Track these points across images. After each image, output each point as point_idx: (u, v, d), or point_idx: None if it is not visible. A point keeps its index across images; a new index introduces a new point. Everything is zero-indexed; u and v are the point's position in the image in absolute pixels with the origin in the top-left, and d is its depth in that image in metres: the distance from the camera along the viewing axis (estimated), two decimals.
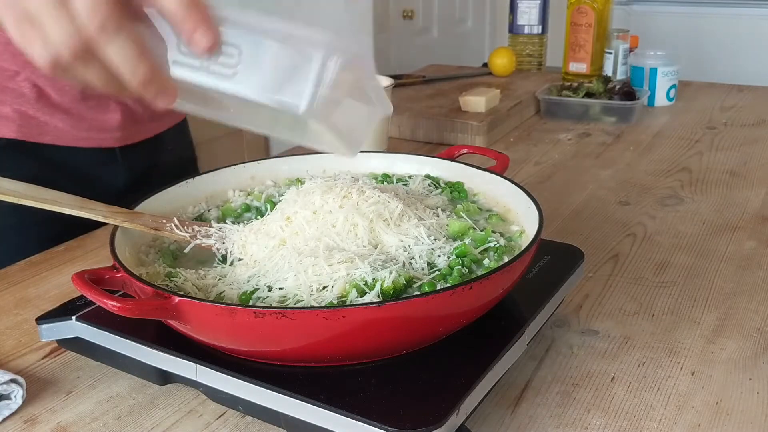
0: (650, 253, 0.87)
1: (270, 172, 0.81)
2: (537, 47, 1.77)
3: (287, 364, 0.55)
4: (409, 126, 1.35)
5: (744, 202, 1.02)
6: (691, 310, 0.75)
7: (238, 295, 0.58)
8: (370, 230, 0.62)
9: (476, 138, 1.30)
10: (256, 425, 0.58)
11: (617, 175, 1.14)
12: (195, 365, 0.57)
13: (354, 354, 0.55)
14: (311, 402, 0.52)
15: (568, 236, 0.91)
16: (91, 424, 0.59)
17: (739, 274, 0.82)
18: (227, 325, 0.52)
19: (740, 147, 1.27)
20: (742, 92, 1.64)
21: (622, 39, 1.61)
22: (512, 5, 1.76)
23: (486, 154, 0.83)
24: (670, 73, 1.53)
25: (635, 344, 0.69)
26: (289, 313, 0.51)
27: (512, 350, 0.58)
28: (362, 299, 0.55)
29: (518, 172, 1.16)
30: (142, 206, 0.70)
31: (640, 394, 0.62)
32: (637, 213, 0.99)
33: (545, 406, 0.60)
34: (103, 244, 0.91)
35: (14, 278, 0.83)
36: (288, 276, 0.58)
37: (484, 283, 0.55)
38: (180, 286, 0.60)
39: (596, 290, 0.79)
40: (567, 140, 1.33)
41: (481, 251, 0.63)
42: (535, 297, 0.64)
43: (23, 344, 0.70)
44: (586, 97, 1.46)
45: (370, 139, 1.11)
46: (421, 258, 0.61)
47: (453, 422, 0.50)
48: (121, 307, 0.52)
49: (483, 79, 1.64)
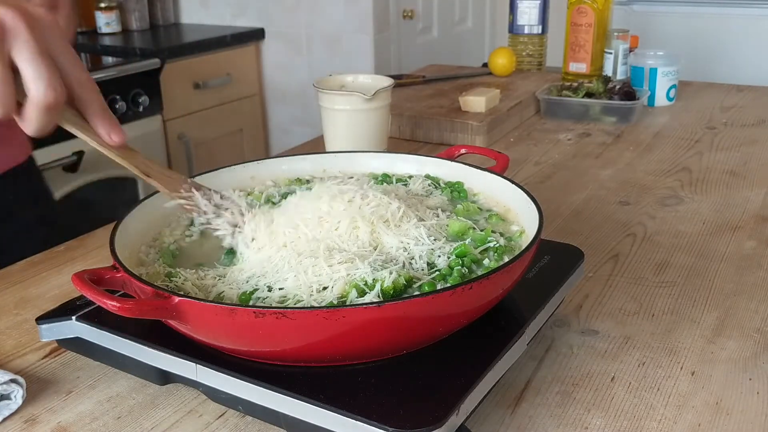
0: (650, 253, 0.87)
1: (270, 172, 0.81)
2: (537, 47, 1.77)
3: (287, 364, 0.55)
4: (409, 126, 1.35)
5: (744, 202, 1.02)
6: (691, 310, 0.75)
7: (237, 295, 0.58)
8: (371, 232, 0.62)
9: (476, 138, 1.30)
10: (256, 425, 0.58)
11: (617, 175, 1.14)
12: (195, 365, 0.57)
13: (354, 354, 0.55)
14: (311, 402, 0.52)
15: (568, 236, 0.91)
16: (91, 424, 0.59)
17: (739, 274, 0.82)
18: (227, 325, 0.52)
19: (740, 147, 1.27)
20: (742, 92, 1.64)
21: (622, 39, 1.61)
22: (512, 5, 1.76)
23: (486, 154, 0.83)
24: (670, 73, 1.53)
25: (635, 344, 0.69)
26: (289, 313, 0.51)
27: (512, 350, 0.58)
28: (362, 299, 0.55)
29: (518, 172, 1.16)
30: (143, 206, 0.70)
31: (640, 394, 0.62)
32: (637, 213, 0.99)
33: (545, 406, 0.60)
34: (102, 244, 0.91)
35: (14, 278, 0.83)
36: (288, 276, 0.58)
37: (484, 283, 0.55)
38: (180, 286, 0.60)
39: (596, 290, 0.79)
40: (567, 140, 1.33)
41: (481, 251, 0.63)
42: (535, 297, 0.64)
43: (23, 344, 0.70)
44: (586, 97, 1.46)
45: (369, 139, 1.11)
46: (421, 258, 0.61)
47: (453, 422, 0.50)
48: (121, 307, 0.52)
49: (483, 79, 1.64)
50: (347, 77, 1.17)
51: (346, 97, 1.09)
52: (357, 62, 2.54)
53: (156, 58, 2.31)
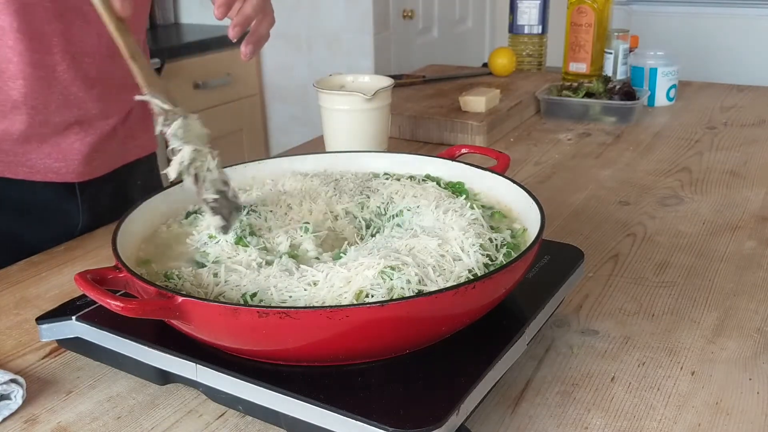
0: (650, 253, 0.87)
1: (270, 172, 0.81)
2: (537, 47, 1.77)
3: (289, 363, 0.55)
4: (409, 126, 1.35)
5: (744, 202, 1.02)
6: (691, 310, 0.75)
7: (237, 295, 0.58)
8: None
9: (476, 138, 1.30)
10: (256, 425, 0.58)
11: (617, 175, 1.14)
12: (195, 365, 0.57)
13: (357, 353, 0.55)
14: (311, 402, 0.52)
15: (568, 236, 0.91)
16: (91, 424, 0.59)
17: (739, 274, 0.82)
18: (230, 324, 0.52)
19: (740, 147, 1.27)
20: (742, 92, 1.64)
21: (622, 39, 1.61)
22: (512, 5, 1.76)
23: (487, 154, 0.83)
24: (670, 73, 1.53)
25: (635, 344, 0.69)
26: (292, 312, 0.51)
27: (512, 350, 0.58)
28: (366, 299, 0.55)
29: (518, 172, 1.16)
30: (141, 206, 0.70)
31: (640, 394, 0.62)
32: (637, 213, 0.99)
33: (545, 406, 0.60)
34: (102, 245, 0.91)
35: (14, 278, 0.83)
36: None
37: (487, 282, 0.55)
38: (181, 286, 0.60)
39: (596, 290, 0.79)
40: (567, 140, 1.33)
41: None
42: (535, 297, 0.64)
43: (23, 344, 0.70)
44: (586, 97, 1.46)
45: (369, 139, 1.11)
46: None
47: (453, 422, 0.50)
48: (124, 307, 0.52)
49: (483, 79, 1.64)
50: (347, 77, 1.17)
51: (346, 97, 1.09)
52: (357, 62, 2.54)
53: (156, 58, 2.31)
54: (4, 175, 0.89)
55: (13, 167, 0.89)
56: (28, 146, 0.88)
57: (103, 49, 0.88)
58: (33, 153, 0.89)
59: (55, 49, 0.85)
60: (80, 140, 0.91)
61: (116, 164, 0.99)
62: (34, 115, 0.86)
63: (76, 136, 0.91)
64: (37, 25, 0.82)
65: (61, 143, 0.90)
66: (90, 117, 0.91)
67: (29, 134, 0.87)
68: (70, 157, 0.91)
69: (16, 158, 0.89)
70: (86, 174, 0.94)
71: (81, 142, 0.91)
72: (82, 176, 0.94)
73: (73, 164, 0.92)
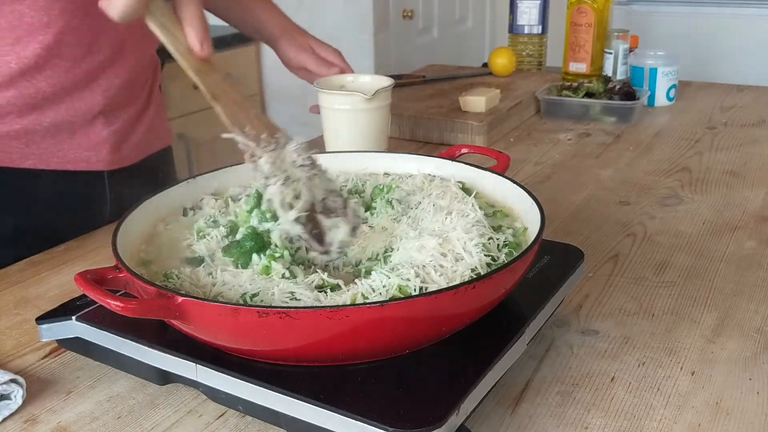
0: (650, 253, 0.87)
1: None
2: (537, 47, 1.77)
3: (289, 363, 0.55)
4: (409, 126, 1.35)
5: (744, 202, 1.02)
6: (691, 310, 0.75)
7: (236, 295, 0.58)
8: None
9: (476, 138, 1.30)
10: (256, 425, 0.58)
11: (617, 175, 1.14)
12: (195, 365, 0.57)
13: (357, 354, 0.55)
14: (311, 402, 0.52)
15: (568, 236, 0.91)
16: (91, 424, 0.59)
17: (739, 274, 0.82)
18: (231, 324, 0.52)
19: (740, 147, 1.27)
20: (742, 92, 1.64)
21: (622, 39, 1.61)
22: (512, 5, 1.76)
23: (487, 154, 0.83)
24: (670, 73, 1.53)
25: (635, 344, 0.69)
26: (292, 312, 0.51)
27: (512, 350, 0.58)
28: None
29: (518, 172, 1.16)
30: (141, 206, 0.70)
31: (640, 394, 0.62)
32: (637, 213, 0.99)
33: (545, 406, 0.60)
34: (101, 245, 0.91)
35: (14, 278, 0.83)
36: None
37: (487, 282, 0.55)
38: (180, 285, 0.60)
39: (596, 290, 0.79)
40: (567, 140, 1.33)
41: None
42: (535, 297, 0.64)
43: (23, 344, 0.70)
44: (586, 97, 1.46)
45: (369, 139, 1.11)
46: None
47: (453, 422, 0.50)
48: (124, 307, 0.52)
49: (483, 79, 1.64)
50: (347, 77, 1.17)
51: (347, 97, 1.09)
52: (357, 62, 2.53)
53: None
54: (38, 167, 0.93)
55: (46, 158, 0.94)
56: (59, 137, 0.93)
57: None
58: (65, 143, 0.94)
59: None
60: (107, 128, 0.97)
61: (141, 155, 1.05)
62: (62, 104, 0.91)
63: (103, 125, 0.96)
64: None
65: (89, 133, 0.95)
66: (113, 105, 0.97)
67: (59, 124, 0.92)
68: (98, 145, 0.97)
69: (48, 149, 0.93)
70: (115, 162, 1.00)
71: (108, 130, 0.97)
72: (111, 164, 0.99)
73: (101, 152, 0.97)
